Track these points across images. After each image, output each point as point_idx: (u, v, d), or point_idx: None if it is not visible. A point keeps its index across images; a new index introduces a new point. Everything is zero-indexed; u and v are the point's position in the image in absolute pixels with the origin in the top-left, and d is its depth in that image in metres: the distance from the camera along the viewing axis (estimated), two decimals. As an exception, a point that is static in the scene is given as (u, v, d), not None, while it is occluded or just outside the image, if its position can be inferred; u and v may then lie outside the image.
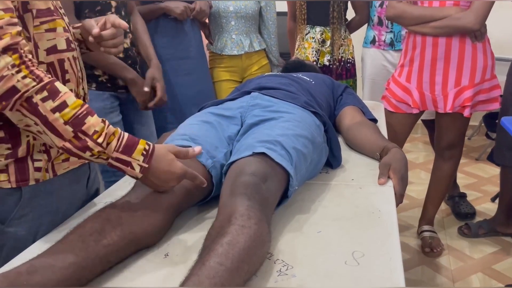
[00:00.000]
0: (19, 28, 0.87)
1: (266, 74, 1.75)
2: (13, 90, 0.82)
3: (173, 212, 1.02)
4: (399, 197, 1.22)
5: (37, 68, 0.86)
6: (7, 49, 0.82)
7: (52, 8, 1.01)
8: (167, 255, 0.95)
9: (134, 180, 1.04)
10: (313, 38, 2.57)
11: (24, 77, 0.83)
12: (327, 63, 2.59)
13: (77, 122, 0.87)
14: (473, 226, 2.45)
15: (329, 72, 2.57)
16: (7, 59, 0.82)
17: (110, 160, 0.91)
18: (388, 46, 2.56)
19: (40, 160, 1.01)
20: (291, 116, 1.26)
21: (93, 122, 0.89)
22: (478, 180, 3.17)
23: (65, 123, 0.86)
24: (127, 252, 0.91)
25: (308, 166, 1.21)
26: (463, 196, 2.74)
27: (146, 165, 0.93)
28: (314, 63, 2.50)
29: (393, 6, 1.98)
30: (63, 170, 1.06)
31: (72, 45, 1.05)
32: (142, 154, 0.92)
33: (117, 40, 1.10)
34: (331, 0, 2.50)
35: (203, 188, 1.11)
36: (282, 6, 2.88)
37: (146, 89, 1.12)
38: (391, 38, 2.54)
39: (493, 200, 2.82)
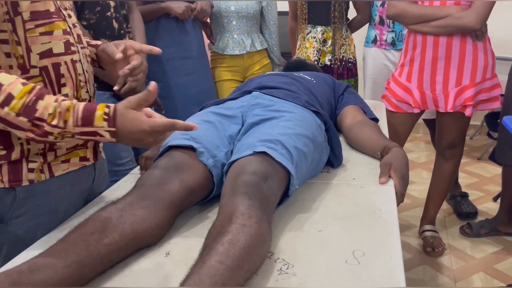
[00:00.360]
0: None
1: (267, 73, 1.76)
2: None
3: (174, 211, 1.02)
4: (400, 196, 1.22)
5: None
6: None
7: (53, 9, 1.00)
8: (168, 254, 0.96)
9: (135, 180, 1.06)
10: (314, 37, 2.58)
11: None
12: (328, 63, 2.59)
13: (28, 111, 0.86)
14: (475, 225, 2.45)
15: (330, 72, 2.57)
16: None
17: (76, 136, 0.90)
18: (389, 45, 2.56)
19: (36, 162, 1.00)
20: (292, 116, 1.26)
21: (45, 104, 0.87)
22: (480, 180, 3.16)
23: (17, 115, 0.86)
24: (128, 251, 0.92)
25: (309, 165, 1.22)
26: (464, 195, 2.74)
27: (114, 129, 0.91)
28: (315, 62, 2.50)
29: (394, 5, 1.98)
30: (62, 171, 1.05)
31: (73, 48, 1.04)
32: (104, 119, 0.91)
33: (144, 67, 1.12)
34: (332, 0, 2.50)
35: (204, 187, 1.12)
36: (283, 6, 2.88)
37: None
38: (392, 37, 2.54)
39: (495, 199, 2.82)
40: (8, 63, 0.94)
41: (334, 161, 1.38)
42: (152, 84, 0.93)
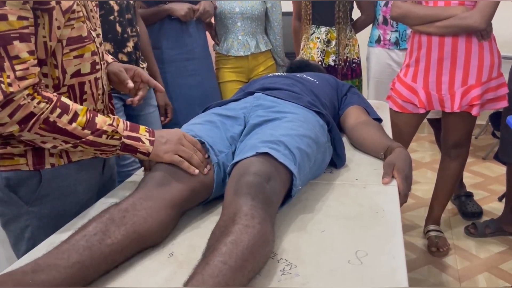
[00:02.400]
0: (38, 69, 0.98)
1: (270, 74, 1.76)
2: (31, 115, 0.96)
3: (178, 212, 1.03)
4: (403, 196, 1.22)
5: (45, 91, 0.98)
6: (28, 87, 0.95)
7: (85, 34, 1.08)
8: (172, 254, 0.96)
9: (138, 181, 1.07)
10: (318, 38, 2.57)
11: (39, 102, 0.96)
12: (332, 63, 2.58)
13: (91, 125, 1.02)
14: (479, 225, 2.44)
15: (334, 72, 2.57)
16: (25, 91, 0.94)
17: (123, 139, 1.06)
18: (393, 45, 2.56)
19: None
20: (295, 116, 1.26)
21: (101, 119, 1.04)
22: (485, 179, 3.15)
23: (83, 128, 1.01)
24: (131, 251, 0.92)
25: (312, 166, 1.22)
26: (469, 195, 2.73)
27: (153, 138, 1.09)
28: (319, 63, 2.50)
29: (398, 6, 1.98)
30: (78, 158, 1.14)
31: (97, 67, 1.14)
32: (146, 131, 1.10)
33: (144, 93, 1.31)
34: (336, 0, 2.50)
35: (207, 188, 1.12)
36: (287, 6, 2.88)
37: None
38: (396, 37, 2.54)
39: (500, 199, 2.81)
40: (45, 82, 1.04)
41: (337, 161, 1.38)
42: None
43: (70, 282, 0.81)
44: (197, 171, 1.09)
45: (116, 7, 1.70)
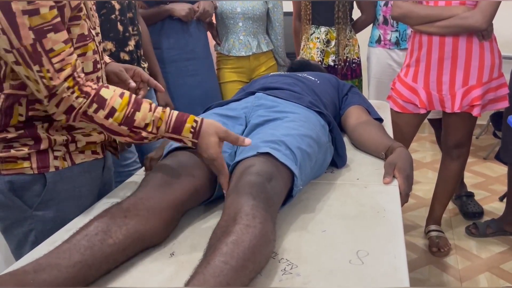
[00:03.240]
0: (75, 56, 0.99)
1: (271, 74, 1.76)
2: (72, 108, 0.98)
3: (179, 211, 1.03)
4: (404, 196, 1.22)
5: (85, 85, 0.99)
6: (67, 77, 0.96)
7: (86, 32, 1.08)
8: (173, 254, 0.96)
9: (139, 181, 1.07)
10: (318, 38, 2.57)
11: (77, 97, 0.97)
12: (332, 64, 2.58)
13: (128, 121, 1.00)
14: (480, 225, 2.44)
15: (334, 72, 2.57)
16: (66, 84, 0.96)
17: (164, 138, 1.06)
18: (393, 45, 2.56)
19: (60, 151, 1.10)
20: (296, 116, 1.26)
21: (142, 116, 1.01)
22: (486, 179, 3.15)
23: (119, 124, 1.00)
24: (133, 251, 0.92)
25: (313, 166, 1.22)
26: (470, 195, 2.73)
27: (196, 141, 1.05)
28: (319, 63, 2.50)
29: (399, 5, 1.98)
30: (81, 160, 1.14)
31: (98, 66, 1.14)
32: (191, 132, 1.04)
33: (144, 93, 1.29)
34: (336, 0, 2.50)
35: (208, 188, 1.12)
36: (288, 6, 2.88)
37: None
38: (396, 37, 2.54)
39: (501, 199, 2.81)
40: (83, 77, 1.03)
41: (338, 161, 1.38)
42: (248, 142, 1.09)
43: (72, 281, 0.81)
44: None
45: (117, 6, 1.70)
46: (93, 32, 1.13)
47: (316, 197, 1.20)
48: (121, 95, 1.01)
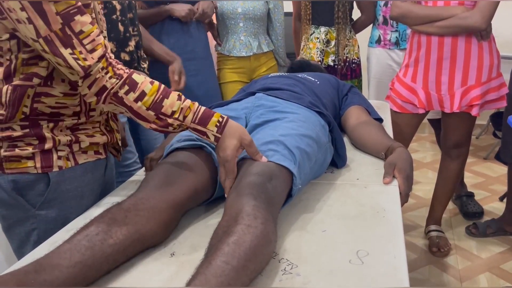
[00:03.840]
0: (102, 37, 1.01)
1: (271, 74, 1.76)
2: (104, 88, 1.00)
3: (179, 211, 1.03)
4: (404, 196, 1.22)
5: (117, 68, 1.02)
6: (101, 57, 0.99)
7: None
8: (174, 254, 0.96)
9: (141, 180, 1.07)
10: (317, 38, 2.58)
11: (110, 77, 1.00)
12: (332, 64, 2.59)
13: (156, 106, 1.02)
14: (481, 225, 2.44)
15: (334, 73, 2.57)
16: (100, 64, 0.99)
17: (189, 129, 1.07)
18: (393, 45, 2.56)
19: (63, 151, 1.10)
20: (296, 116, 1.26)
21: (170, 103, 1.03)
22: (486, 179, 3.15)
23: (147, 109, 1.02)
24: (133, 251, 0.92)
25: (313, 166, 1.22)
26: (470, 195, 2.73)
27: (219, 136, 1.07)
28: (319, 63, 2.50)
29: (398, 5, 1.98)
30: (84, 160, 1.15)
31: None
32: (216, 126, 1.06)
33: None
34: (336, 0, 2.50)
35: (208, 188, 1.12)
36: (288, 6, 2.88)
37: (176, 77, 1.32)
38: (396, 37, 2.54)
39: (501, 199, 2.81)
40: (62, 76, 1.06)
41: (338, 161, 1.38)
42: (264, 159, 1.10)
43: (72, 281, 0.81)
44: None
45: (118, 6, 1.71)
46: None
47: (316, 197, 1.20)
48: (151, 82, 1.04)
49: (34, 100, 1.04)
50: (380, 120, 1.66)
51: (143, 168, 1.38)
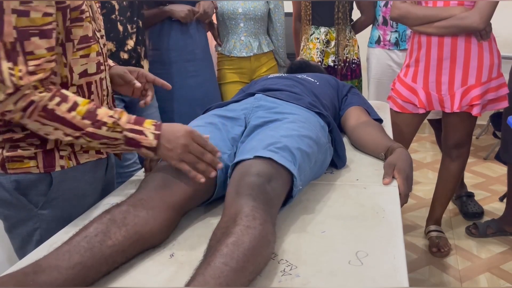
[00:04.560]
0: (53, 65, 1.00)
1: (270, 75, 1.76)
2: (31, 102, 0.96)
3: (178, 212, 1.03)
4: (404, 197, 1.22)
5: (49, 84, 0.99)
6: (38, 81, 0.96)
7: (91, 34, 1.10)
8: (173, 255, 0.96)
9: (139, 182, 1.07)
10: (317, 38, 2.58)
11: (40, 92, 0.97)
12: (332, 64, 2.59)
13: (91, 115, 1.01)
14: (481, 225, 2.44)
15: (334, 73, 2.57)
16: (33, 84, 0.96)
17: (124, 132, 1.03)
18: (393, 45, 2.56)
19: (65, 150, 1.11)
20: (295, 117, 1.26)
21: (104, 112, 1.02)
22: (486, 180, 3.15)
23: (82, 118, 1.00)
24: (132, 252, 0.92)
25: (313, 167, 1.22)
26: (470, 195, 2.73)
27: (159, 132, 1.04)
28: (319, 63, 2.50)
29: (398, 6, 1.98)
30: (85, 160, 1.15)
31: (102, 67, 1.15)
32: (153, 125, 1.05)
33: (153, 93, 1.34)
34: (336, 1, 2.50)
35: (208, 189, 1.12)
36: (288, 7, 2.88)
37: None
38: (396, 37, 2.54)
39: (501, 199, 2.81)
40: (53, 80, 1.05)
41: (338, 162, 1.38)
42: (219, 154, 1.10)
43: (71, 283, 0.81)
44: (203, 179, 1.04)
45: (117, 6, 1.71)
46: (98, 34, 1.15)
47: (316, 198, 1.20)
48: (81, 98, 1.02)
49: None
50: (380, 120, 1.66)
51: (143, 169, 1.38)
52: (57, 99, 0.98)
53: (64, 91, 1.01)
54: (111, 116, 1.02)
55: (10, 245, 1.19)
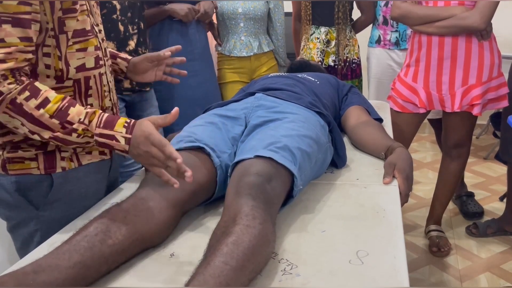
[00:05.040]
0: (29, 56, 0.96)
1: (270, 75, 1.76)
2: None
3: (179, 212, 1.03)
4: (404, 196, 1.22)
5: (22, 75, 0.95)
6: (7, 69, 0.92)
7: (88, 28, 1.08)
8: (173, 254, 0.96)
9: (140, 182, 1.07)
10: (318, 38, 2.57)
11: (10, 83, 0.93)
12: (332, 64, 2.58)
13: (61, 114, 0.97)
14: (481, 225, 2.44)
15: (334, 73, 2.57)
16: (2, 73, 0.92)
17: (95, 137, 1.00)
18: (393, 45, 2.56)
19: (67, 152, 1.10)
20: (296, 117, 1.26)
21: (76, 111, 0.99)
22: (486, 179, 3.15)
23: (51, 117, 0.96)
24: (132, 251, 0.92)
25: (313, 166, 1.22)
26: (470, 195, 2.73)
27: (130, 136, 0.99)
28: (319, 63, 2.50)
29: (398, 6, 1.98)
30: (87, 161, 1.14)
31: (101, 62, 1.13)
32: (124, 126, 1.00)
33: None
34: (336, 0, 2.50)
35: (208, 188, 1.12)
36: (288, 7, 2.88)
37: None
38: (396, 37, 2.54)
39: (501, 199, 2.80)
40: (46, 73, 1.04)
41: (338, 161, 1.38)
42: (175, 110, 1.01)
43: (71, 282, 0.81)
44: (177, 184, 0.97)
45: (118, 6, 1.70)
46: (96, 28, 1.14)
47: (316, 198, 1.20)
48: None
49: None
50: (380, 120, 1.66)
51: (143, 168, 1.38)
52: (26, 94, 0.94)
53: (37, 84, 0.97)
54: (81, 122, 0.98)
55: (10, 245, 1.19)
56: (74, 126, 0.98)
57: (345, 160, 1.40)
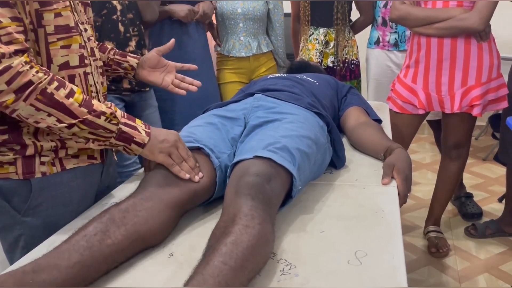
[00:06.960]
0: (23, 38, 0.94)
1: (270, 75, 1.76)
2: (29, 83, 0.91)
3: (178, 212, 1.03)
4: (403, 197, 1.22)
5: (41, 67, 0.95)
6: (18, 51, 0.90)
7: (73, 24, 1.06)
8: (172, 254, 0.96)
9: (139, 182, 1.07)
10: (316, 39, 2.58)
11: (37, 71, 0.92)
12: (331, 65, 2.59)
13: (87, 103, 0.99)
14: (480, 226, 2.44)
15: (333, 74, 2.57)
16: (20, 58, 0.90)
17: (120, 125, 1.03)
18: (392, 46, 2.56)
19: (47, 156, 1.06)
20: (295, 117, 1.26)
21: (97, 103, 1.02)
22: (485, 181, 3.15)
23: (80, 105, 0.98)
24: (132, 251, 0.92)
25: (312, 167, 1.22)
26: (469, 196, 2.73)
27: (149, 130, 1.08)
28: (318, 64, 2.50)
29: (397, 8, 1.98)
30: (73, 165, 1.10)
31: (86, 61, 1.11)
32: (142, 123, 1.09)
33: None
34: (335, 1, 2.50)
35: (207, 189, 1.12)
36: (287, 7, 2.89)
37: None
38: (395, 38, 2.54)
39: (500, 200, 2.81)
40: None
41: (337, 162, 1.38)
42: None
43: (71, 282, 0.81)
44: (187, 175, 1.08)
45: (119, 7, 1.71)
46: (81, 27, 1.11)
47: (315, 198, 1.20)
48: (75, 86, 1.00)
49: None
50: (379, 121, 1.66)
51: (143, 168, 1.38)
52: (56, 83, 0.94)
53: (58, 77, 0.98)
54: (109, 107, 1.02)
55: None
56: (103, 109, 1.00)
57: (344, 160, 1.40)
